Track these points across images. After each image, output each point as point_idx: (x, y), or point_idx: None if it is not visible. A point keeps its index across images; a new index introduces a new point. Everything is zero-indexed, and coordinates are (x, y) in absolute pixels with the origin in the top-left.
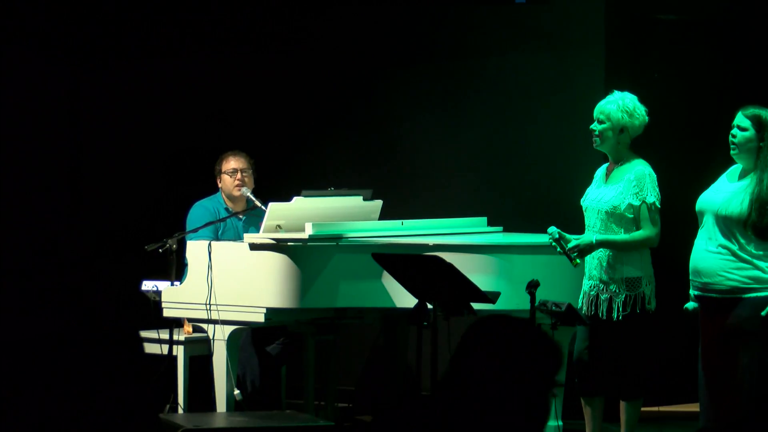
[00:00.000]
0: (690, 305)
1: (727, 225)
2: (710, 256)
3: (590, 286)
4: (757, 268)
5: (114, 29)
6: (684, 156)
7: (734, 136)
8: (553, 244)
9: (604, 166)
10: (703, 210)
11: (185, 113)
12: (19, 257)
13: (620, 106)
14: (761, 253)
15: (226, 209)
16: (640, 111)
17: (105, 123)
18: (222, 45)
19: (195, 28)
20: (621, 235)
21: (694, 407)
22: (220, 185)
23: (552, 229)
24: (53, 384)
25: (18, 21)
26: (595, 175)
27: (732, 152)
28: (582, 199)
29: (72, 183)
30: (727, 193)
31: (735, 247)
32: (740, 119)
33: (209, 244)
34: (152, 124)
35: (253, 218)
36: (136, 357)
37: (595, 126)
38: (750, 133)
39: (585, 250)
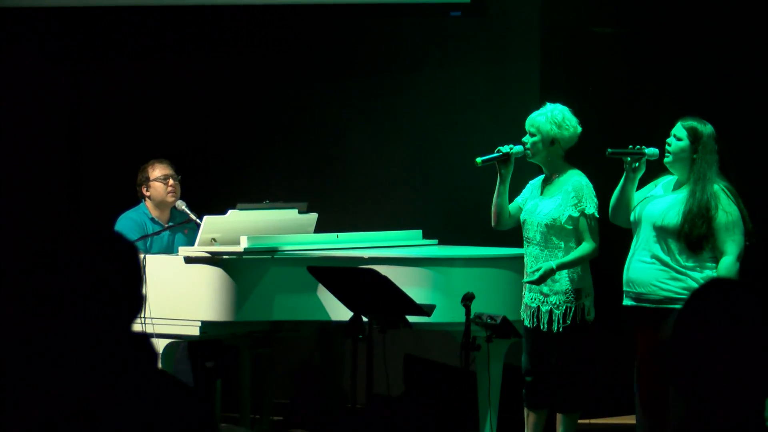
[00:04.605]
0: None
1: (663, 236)
2: (644, 266)
3: (531, 298)
4: (691, 278)
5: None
6: (620, 168)
7: (669, 144)
8: None
9: (540, 177)
10: (639, 220)
11: (117, 123)
12: None
13: (548, 118)
14: (694, 264)
15: (152, 220)
16: (570, 122)
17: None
18: (155, 54)
19: (129, 36)
20: (572, 255)
21: (630, 419)
22: (147, 194)
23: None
24: None
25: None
26: (528, 186)
27: (665, 159)
28: (512, 206)
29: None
30: (664, 204)
31: (668, 258)
32: (678, 129)
33: (144, 258)
34: (85, 130)
35: (177, 228)
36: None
37: (527, 139)
38: (684, 143)
39: (546, 275)
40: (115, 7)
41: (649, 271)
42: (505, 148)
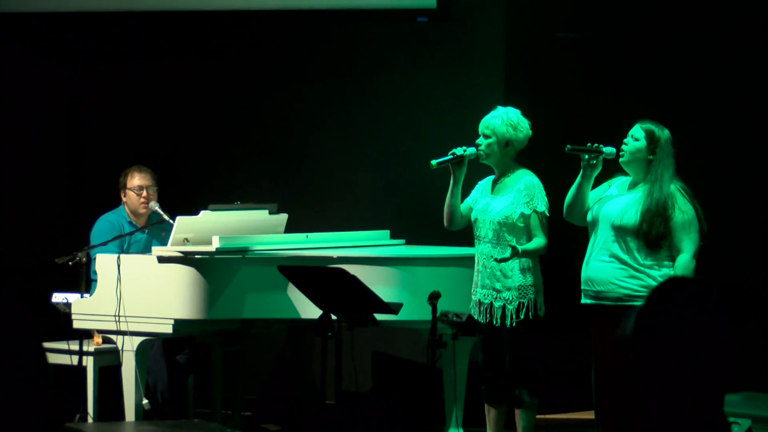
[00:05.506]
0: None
1: (622, 235)
2: (603, 265)
3: (484, 295)
4: (649, 276)
5: None
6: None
7: (626, 144)
8: None
9: (489, 178)
10: (596, 220)
11: (91, 125)
12: None
13: (504, 120)
14: (652, 262)
15: (130, 223)
16: (524, 124)
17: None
18: (126, 56)
19: (97, 39)
20: (531, 245)
21: (588, 415)
22: (124, 199)
23: None
24: None
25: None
26: (477, 186)
27: (621, 159)
28: (463, 206)
29: None
30: (622, 203)
31: (627, 257)
32: (635, 130)
33: (118, 257)
34: (56, 132)
35: (155, 230)
36: (41, 368)
37: (481, 140)
38: (641, 143)
39: (514, 254)
40: (90, 12)
41: (608, 269)
42: (458, 150)
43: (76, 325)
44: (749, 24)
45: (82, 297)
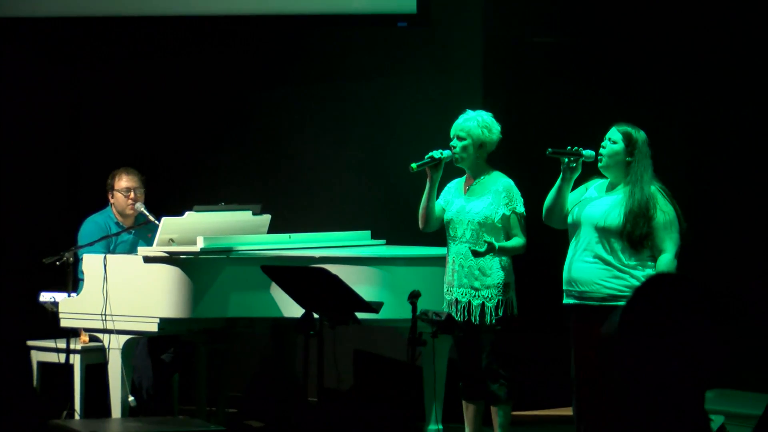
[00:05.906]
0: None
1: (606, 236)
2: (587, 266)
3: (462, 293)
4: (633, 277)
5: None
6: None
7: (604, 147)
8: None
9: (458, 180)
10: (578, 222)
11: (78, 125)
12: None
13: (479, 122)
14: (636, 263)
15: (117, 224)
16: (497, 127)
17: None
18: (111, 57)
19: (85, 37)
20: (510, 243)
21: (566, 411)
22: (111, 200)
23: None
24: None
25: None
26: (447, 188)
27: (599, 164)
28: (436, 209)
29: None
30: (604, 205)
31: (611, 258)
32: (613, 133)
33: (105, 257)
34: (48, 132)
35: (142, 231)
36: (24, 365)
37: (456, 143)
38: (619, 146)
39: (489, 250)
40: (86, 17)
41: (592, 270)
42: (436, 154)
43: (64, 323)
44: (725, 27)
45: (69, 296)
